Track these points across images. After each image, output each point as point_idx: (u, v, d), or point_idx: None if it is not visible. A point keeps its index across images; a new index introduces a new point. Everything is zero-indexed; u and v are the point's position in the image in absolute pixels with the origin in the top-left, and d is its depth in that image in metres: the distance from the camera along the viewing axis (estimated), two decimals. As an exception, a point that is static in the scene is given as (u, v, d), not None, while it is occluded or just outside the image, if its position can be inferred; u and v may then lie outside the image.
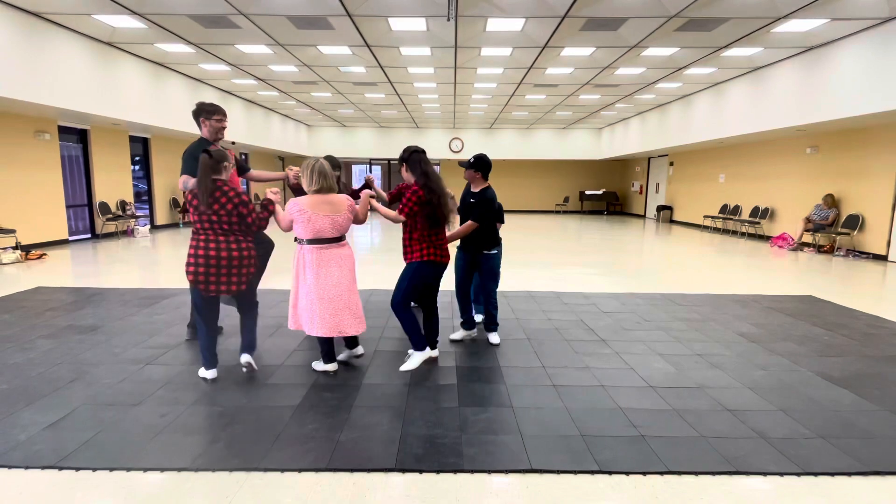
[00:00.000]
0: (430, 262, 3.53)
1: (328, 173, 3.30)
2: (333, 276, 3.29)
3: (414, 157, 3.53)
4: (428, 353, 3.70)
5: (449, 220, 3.59)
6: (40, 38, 7.75)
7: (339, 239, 3.35)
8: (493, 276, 4.19)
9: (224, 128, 3.99)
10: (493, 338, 4.24)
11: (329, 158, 3.66)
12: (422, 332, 3.67)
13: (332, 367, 3.52)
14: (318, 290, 3.27)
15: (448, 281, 4.72)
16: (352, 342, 3.75)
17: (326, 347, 3.48)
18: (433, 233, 3.53)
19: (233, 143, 4.26)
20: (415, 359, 3.64)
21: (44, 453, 2.47)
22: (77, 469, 2.35)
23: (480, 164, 3.91)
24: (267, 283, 6.18)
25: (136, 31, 8.40)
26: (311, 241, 3.27)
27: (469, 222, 3.93)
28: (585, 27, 7.86)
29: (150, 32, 8.42)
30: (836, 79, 8.44)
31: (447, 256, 3.63)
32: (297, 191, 3.93)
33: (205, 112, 3.96)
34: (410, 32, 8.31)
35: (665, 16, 7.28)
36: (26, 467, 2.36)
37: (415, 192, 3.43)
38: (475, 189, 3.97)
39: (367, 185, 4.38)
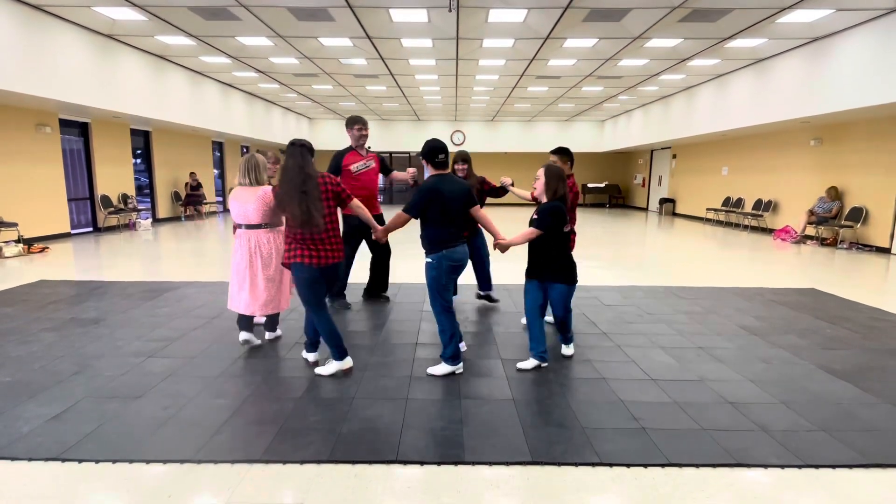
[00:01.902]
0: (293, 264, 3.23)
1: (245, 169, 3.65)
2: (250, 259, 3.69)
3: (288, 149, 3.21)
4: (347, 362, 3.41)
5: (304, 221, 3.11)
6: (40, 31, 7.73)
7: (261, 225, 3.65)
8: (430, 290, 3.38)
9: (364, 135, 4.78)
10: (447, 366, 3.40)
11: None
12: (339, 336, 3.36)
13: (248, 336, 3.87)
14: (245, 270, 3.69)
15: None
16: (269, 325, 4.08)
17: (245, 322, 3.85)
18: (301, 232, 3.17)
19: (369, 147, 4.91)
20: (330, 366, 3.40)
21: (47, 445, 2.48)
22: (80, 461, 2.37)
23: (423, 152, 3.37)
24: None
25: (137, 24, 8.37)
26: (246, 227, 3.67)
27: (397, 213, 3.44)
28: (588, 18, 7.80)
29: (150, 24, 8.39)
30: (841, 70, 8.36)
31: (320, 259, 3.21)
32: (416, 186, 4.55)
33: (349, 124, 4.80)
34: (412, 24, 8.25)
35: (668, 6, 7.21)
36: (29, 459, 2.38)
37: (274, 187, 3.27)
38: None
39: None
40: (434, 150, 3.30)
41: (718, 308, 5.17)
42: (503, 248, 3.51)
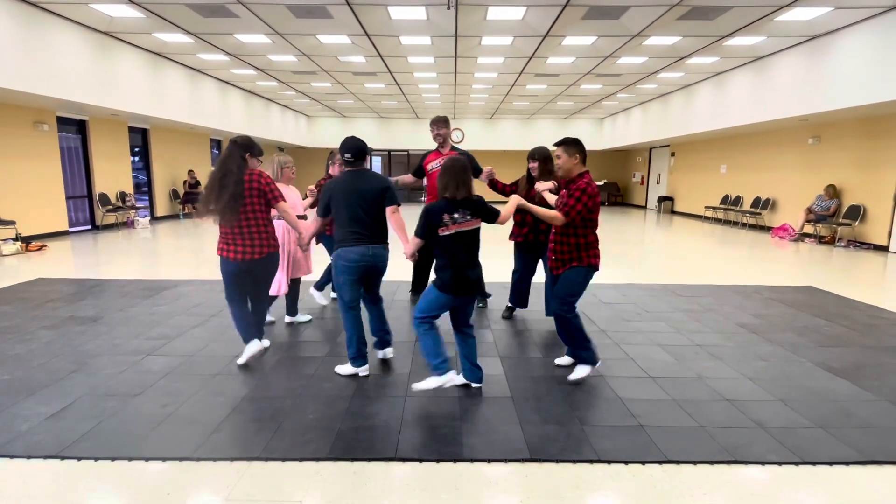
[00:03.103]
0: (220, 255, 3.36)
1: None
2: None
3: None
4: (254, 346, 3.47)
5: (220, 213, 3.22)
6: (38, 28, 7.70)
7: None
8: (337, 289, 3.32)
9: (439, 135, 4.87)
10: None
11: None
12: (245, 324, 3.46)
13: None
14: None
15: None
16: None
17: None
18: (221, 224, 3.32)
19: (452, 144, 5.02)
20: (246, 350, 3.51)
21: (46, 443, 2.48)
22: (79, 459, 2.37)
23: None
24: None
25: (134, 21, 8.34)
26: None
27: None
28: (587, 16, 7.79)
29: (148, 22, 8.36)
30: (840, 68, 8.37)
31: (236, 253, 3.30)
32: (492, 185, 4.57)
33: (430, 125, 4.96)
34: (410, 21, 8.23)
35: (668, 4, 7.21)
36: (28, 457, 2.38)
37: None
38: None
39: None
40: (340, 149, 3.23)
41: (717, 306, 5.18)
42: (407, 256, 3.18)
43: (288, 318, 4.48)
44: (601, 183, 21.61)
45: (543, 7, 7.46)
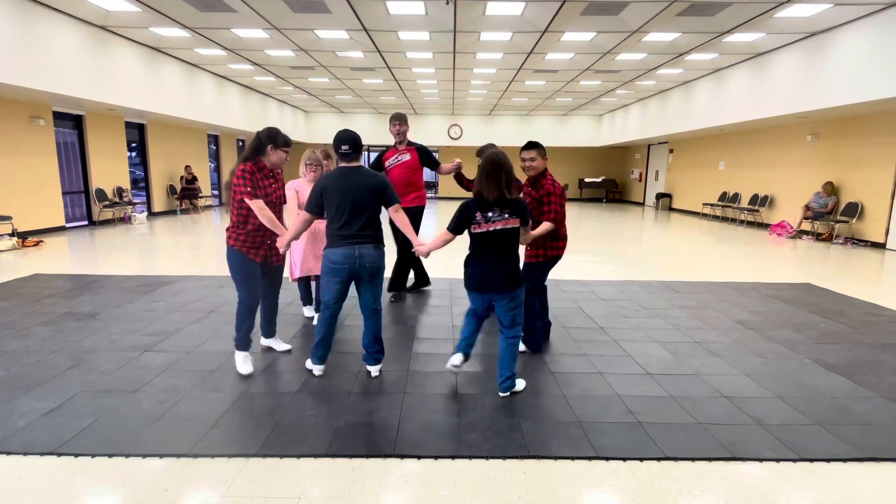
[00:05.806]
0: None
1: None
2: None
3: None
4: (243, 355, 3.35)
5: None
6: (34, 22, 7.64)
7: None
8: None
9: (398, 132, 4.93)
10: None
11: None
12: (244, 332, 3.31)
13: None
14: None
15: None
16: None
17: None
18: None
19: (406, 141, 5.01)
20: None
21: (42, 440, 2.47)
22: (76, 455, 2.36)
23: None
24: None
25: (131, 15, 8.28)
26: None
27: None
28: (586, 11, 7.76)
29: (144, 16, 8.30)
30: (839, 65, 8.36)
31: (231, 241, 3.23)
32: (457, 179, 4.78)
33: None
34: (409, 16, 8.20)
35: (667, 0, 7.18)
36: (25, 454, 2.37)
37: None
38: None
39: None
40: (336, 142, 3.05)
41: (714, 303, 5.18)
42: (420, 253, 3.18)
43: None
44: (599, 180, 21.62)
45: (542, 2, 7.43)
